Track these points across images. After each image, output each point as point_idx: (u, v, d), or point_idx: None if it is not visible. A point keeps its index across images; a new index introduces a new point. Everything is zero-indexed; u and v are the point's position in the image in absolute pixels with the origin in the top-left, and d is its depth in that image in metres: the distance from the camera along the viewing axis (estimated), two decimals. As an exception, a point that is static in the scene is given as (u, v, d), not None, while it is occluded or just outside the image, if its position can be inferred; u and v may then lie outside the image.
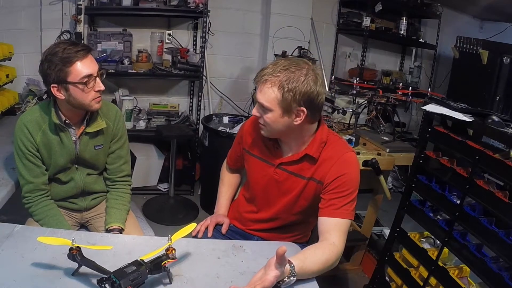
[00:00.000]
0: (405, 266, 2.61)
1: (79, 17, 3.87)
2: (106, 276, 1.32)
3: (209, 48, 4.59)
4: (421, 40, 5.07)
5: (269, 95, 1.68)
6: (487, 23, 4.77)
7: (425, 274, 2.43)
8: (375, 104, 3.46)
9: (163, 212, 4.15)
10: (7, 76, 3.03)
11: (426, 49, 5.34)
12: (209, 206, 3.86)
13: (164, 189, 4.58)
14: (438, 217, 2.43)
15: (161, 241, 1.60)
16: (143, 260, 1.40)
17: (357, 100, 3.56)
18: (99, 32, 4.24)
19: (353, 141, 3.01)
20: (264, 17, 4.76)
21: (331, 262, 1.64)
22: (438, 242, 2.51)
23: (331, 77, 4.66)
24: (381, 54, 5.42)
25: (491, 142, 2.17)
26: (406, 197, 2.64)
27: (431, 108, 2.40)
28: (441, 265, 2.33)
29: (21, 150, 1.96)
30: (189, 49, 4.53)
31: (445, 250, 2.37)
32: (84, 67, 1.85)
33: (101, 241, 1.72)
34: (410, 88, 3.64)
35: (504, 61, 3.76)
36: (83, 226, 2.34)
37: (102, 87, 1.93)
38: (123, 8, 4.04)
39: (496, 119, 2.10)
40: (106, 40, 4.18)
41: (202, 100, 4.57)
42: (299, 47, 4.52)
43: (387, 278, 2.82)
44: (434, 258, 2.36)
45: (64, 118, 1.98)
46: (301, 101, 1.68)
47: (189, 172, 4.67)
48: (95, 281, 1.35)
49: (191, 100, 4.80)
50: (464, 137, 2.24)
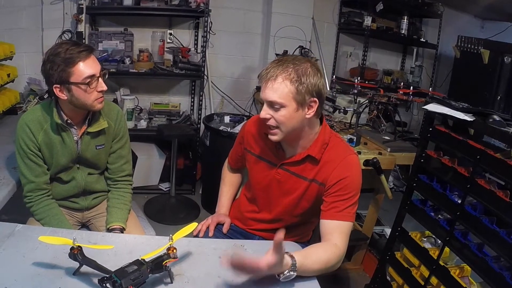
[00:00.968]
0: (406, 265, 2.61)
1: (80, 16, 3.88)
2: (107, 276, 1.32)
3: (210, 47, 4.59)
4: (422, 40, 5.07)
5: (282, 90, 1.66)
6: (488, 23, 4.77)
7: (426, 273, 2.43)
8: (376, 103, 3.45)
9: (164, 211, 4.15)
10: (8, 75, 3.03)
11: (427, 48, 5.35)
12: (210, 205, 3.87)
13: (165, 188, 4.58)
14: (439, 216, 2.42)
15: (162, 240, 1.61)
16: (144, 260, 1.40)
17: (358, 99, 3.55)
18: (100, 31, 4.24)
19: (354, 140, 3.01)
20: (265, 16, 4.77)
21: (332, 263, 1.64)
22: (439, 242, 2.51)
23: (332, 77, 4.67)
24: (382, 53, 5.43)
25: (492, 141, 2.17)
26: (407, 196, 2.64)
27: (432, 107, 2.40)
28: (442, 264, 2.33)
29: (22, 150, 1.96)
30: (190, 48, 4.54)
31: (446, 249, 2.36)
32: (86, 67, 1.84)
33: (102, 240, 1.72)
34: (411, 87, 3.64)
35: (505, 60, 3.76)
36: (84, 226, 2.34)
37: (105, 87, 1.93)
38: (124, 7, 4.05)
39: (497, 119, 2.09)
40: (107, 39, 4.18)
41: (203, 100, 4.58)
42: (300, 46, 4.51)
43: (388, 278, 2.82)
44: (435, 258, 2.36)
45: (66, 118, 1.98)
46: (313, 92, 1.69)
47: (190, 171, 4.68)
48: (96, 280, 1.35)
49: (192, 100, 4.80)
50: (465, 136, 2.24)
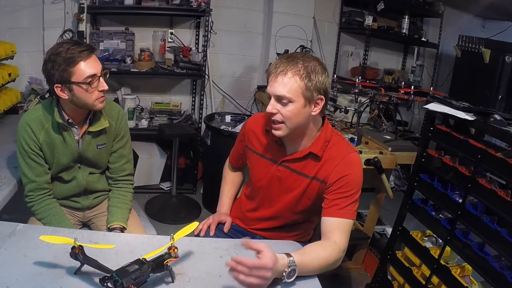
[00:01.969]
0: (407, 265, 2.61)
1: (81, 16, 3.88)
2: (109, 275, 1.33)
3: (211, 47, 4.59)
4: (423, 39, 5.07)
5: (291, 85, 1.67)
6: (489, 22, 4.77)
7: (427, 273, 2.43)
8: (377, 103, 3.45)
9: (165, 211, 4.15)
10: (9, 75, 3.03)
11: (428, 48, 5.35)
12: (211, 204, 3.88)
13: (167, 188, 4.59)
14: (440, 216, 2.43)
15: (164, 239, 1.61)
16: (145, 259, 1.40)
17: (359, 99, 3.55)
18: (101, 31, 4.24)
19: (355, 140, 3.01)
20: (266, 16, 4.77)
21: (332, 260, 1.64)
22: (440, 241, 2.51)
23: (333, 76, 4.64)
24: (383, 53, 5.43)
25: (493, 141, 2.17)
26: (408, 196, 2.64)
27: (433, 107, 2.39)
28: (443, 263, 2.33)
29: (24, 149, 1.96)
30: (191, 48, 4.54)
31: (447, 248, 2.36)
32: (87, 67, 1.84)
33: (103, 239, 1.72)
34: (412, 87, 3.64)
35: (506, 60, 3.75)
36: (85, 225, 2.34)
37: (106, 86, 1.93)
38: (125, 7, 4.05)
39: (498, 118, 2.09)
40: (108, 39, 4.18)
41: (205, 99, 4.58)
42: (301, 46, 4.52)
43: (389, 277, 2.82)
44: (436, 257, 2.36)
45: (67, 118, 1.98)
46: (321, 89, 1.71)
47: (191, 171, 4.68)
48: (97, 279, 1.36)
49: (193, 99, 4.80)
50: (466, 136, 2.24)
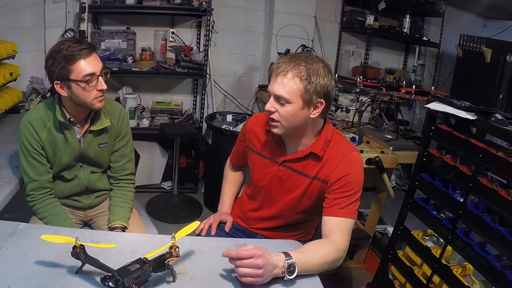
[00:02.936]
0: (408, 264, 2.61)
1: (82, 15, 3.88)
2: (110, 274, 1.33)
3: (212, 46, 4.59)
4: (424, 38, 5.06)
5: (290, 86, 1.66)
6: (491, 21, 4.77)
7: (428, 272, 2.43)
8: (378, 102, 3.46)
9: (166, 210, 4.16)
10: (10, 74, 3.03)
11: (430, 47, 5.34)
12: (213, 204, 3.89)
13: (168, 187, 4.59)
14: (442, 215, 2.43)
15: (165, 239, 1.61)
16: (146, 258, 1.40)
17: (360, 98, 3.55)
18: (102, 30, 4.25)
19: (357, 139, 3.01)
20: (268, 15, 4.77)
21: (331, 257, 1.64)
22: (442, 240, 2.51)
23: (335, 75, 4.65)
24: (384, 52, 5.42)
25: (495, 140, 2.17)
26: (410, 195, 2.64)
27: (435, 106, 2.39)
28: (444, 263, 2.33)
29: (26, 148, 1.96)
30: (192, 47, 4.54)
31: (449, 248, 2.36)
32: (87, 65, 1.85)
33: (104, 239, 1.72)
34: (414, 86, 3.63)
35: (508, 59, 3.74)
36: (87, 224, 2.35)
37: (104, 86, 1.93)
38: (126, 6, 4.06)
39: (500, 117, 2.09)
40: (109, 38, 4.19)
41: (206, 98, 4.58)
42: (302, 45, 4.52)
43: (390, 276, 2.82)
44: (438, 256, 2.36)
45: (68, 116, 1.99)
46: (321, 93, 1.69)
47: (193, 170, 4.68)
48: (98, 279, 1.36)
49: (194, 98, 4.79)
50: (467, 135, 2.24)
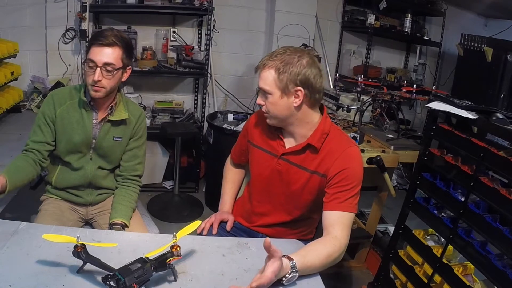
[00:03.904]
0: (409, 263, 2.61)
1: (84, 14, 3.89)
2: (111, 274, 1.33)
3: (213, 45, 4.59)
4: (425, 38, 5.06)
5: (267, 77, 1.78)
6: (492, 21, 4.77)
7: (429, 271, 2.42)
8: (379, 101, 3.45)
9: (168, 209, 4.16)
10: (12, 73, 3.04)
11: (431, 46, 5.34)
12: (214, 203, 3.89)
13: (169, 186, 4.60)
14: (443, 214, 2.42)
15: (166, 238, 1.61)
16: (148, 258, 1.41)
17: (361, 97, 3.55)
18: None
19: (358, 138, 3.01)
20: (269, 14, 4.76)
21: (334, 256, 1.64)
22: (443, 240, 2.51)
23: (336, 75, 4.66)
24: (385, 51, 5.42)
25: (496, 139, 2.16)
26: (411, 194, 2.64)
27: (436, 105, 2.39)
28: (445, 262, 2.33)
29: (40, 115, 2.09)
30: (194, 46, 4.54)
31: (450, 247, 2.36)
32: (93, 53, 1.98)
33: (106, 238, 1.73)
34: (415, 85, 3.64)
35: (509, 58, 3.75)
36: (88, 223, 2.35)
37: (97, 78, 1.97)
38: (128, 5, 4.06)
39: (501, 117, 2.09)
40: (111, 37, 4.18)
41: (207, 98, 4.58)
42: (303, 44, 4.52)
43: (391, 276, 2.82)
44: (439, 256, 2.36)
45: (90, 100, 2.09)
46: (297, 80, 1.75)
47: (194, 169, 4.69)
48: (100, 278, 1.36)
49: (196, 98, 4.80)
50: (468, 134, 2.24)
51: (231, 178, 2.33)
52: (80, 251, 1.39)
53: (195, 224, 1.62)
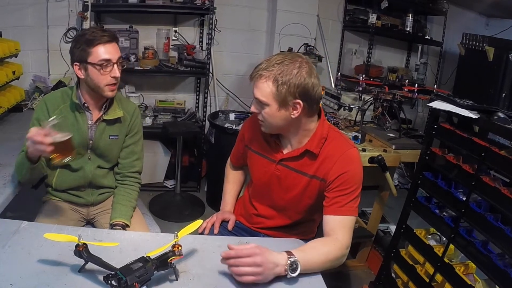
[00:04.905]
0: (411, 262, 2.61)
1: (85, 14, 3.90)
2: (113, 273, 1.33)
3: (215, 45, 4.59)
4: (427, 37, 5.06)
5: (264, 89, 1.70)
6: (493, 20, 4.77)
7: (431, 270, 2.43)
8: (381, 101, 3.45)
9: (169, 208, 4.16)
10: (13, 73, 3.04)
11: (432, 46, 5.34)
12: (215, 202, 3.87)
13: (171, 185, 4.60)
14: (444, 213, 2.43)
15: (168, 237, 1.61)
16: (149, 257, 1.41)
17: (363, 97, 3.55)
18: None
19: (359, 138, 3.01)
20: (270, 14, 4.76)
21: (333, 255, 1.65)
22: (444, 239, 2.51)
23: (337, 74, 4.66)
24: (387, 51, 5.41)
25: (497, 138, 2.17)
26: (412, 193, 2.64)
27: (437, 105, 2.39)
28: (447, 261, 2.33)
29: (35, 122, 2.03)
30: (195, 46, 4.54)
31: (451, 246, 2.36)
32: (104, 51, 1.95)
33: (107, 237, 1.73)
34: (416, 85, 3.64)
35: (510, 57, 3.75)
36: (89, 223, 2.36)
37: (117, 74, 2.00)
38: (129, 5, 4.06)
39: (502, 116, 2.09)
40: (112, 37, 4.18)
41: (209, 97, 4.58)
42: (305, 44, 4.53)
43: (393, 275, 2.82)
44: (440, 255, 2.36)
45: (83, 101, 2.07)
46: (296, 93, 1.69)
47: (195, 168, 4.69)
48: (101, 277, 1.36)
49: (197, 97, 4.81)
50: (470, 133, 2.24)
51: (232, 178, 2.33)
52: (81, 250, 1.39)
53: (197, 224, 1.63)
